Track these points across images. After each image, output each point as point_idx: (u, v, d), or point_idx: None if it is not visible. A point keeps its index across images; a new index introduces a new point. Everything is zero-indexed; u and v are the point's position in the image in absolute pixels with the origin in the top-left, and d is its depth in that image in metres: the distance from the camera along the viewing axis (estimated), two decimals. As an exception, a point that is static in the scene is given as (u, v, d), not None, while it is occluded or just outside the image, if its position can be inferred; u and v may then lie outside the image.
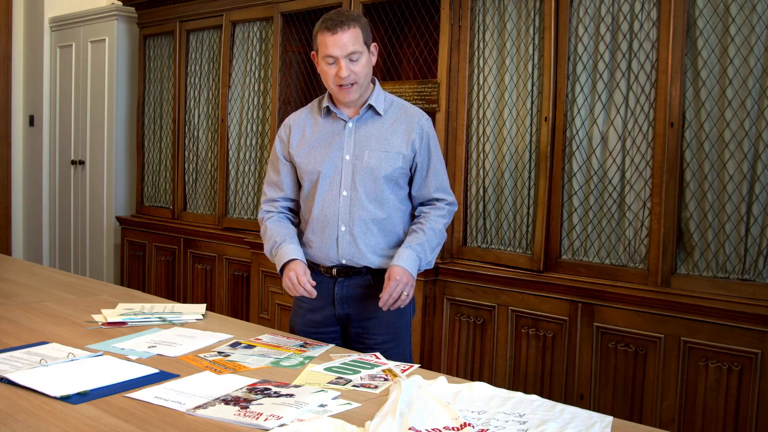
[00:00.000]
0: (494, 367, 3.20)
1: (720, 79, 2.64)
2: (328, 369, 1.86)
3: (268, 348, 2.05)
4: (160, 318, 2.34)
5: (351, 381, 1.77)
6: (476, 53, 3.32)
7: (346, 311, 2.30)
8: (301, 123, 2.35)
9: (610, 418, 1.55)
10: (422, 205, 2.34)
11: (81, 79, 5.59)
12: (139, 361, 1.88)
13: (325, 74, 2.22)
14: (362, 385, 1.74)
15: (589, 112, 2.99)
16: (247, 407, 1.54)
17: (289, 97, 4.16)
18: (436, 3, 3.45)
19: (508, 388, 1.76)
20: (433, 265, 2.34)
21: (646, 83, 2.82)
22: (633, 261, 2.88)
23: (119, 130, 5.36)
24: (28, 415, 1.50)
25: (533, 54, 3.13)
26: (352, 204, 2.24)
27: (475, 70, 3.32)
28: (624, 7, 2.87)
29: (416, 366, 1.92)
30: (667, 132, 2.73)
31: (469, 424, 1.46)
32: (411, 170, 2.31)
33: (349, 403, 1.61)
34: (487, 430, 1.47)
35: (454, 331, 3.33)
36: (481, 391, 1.69)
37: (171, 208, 4.97)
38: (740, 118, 2.59)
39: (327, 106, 2.30)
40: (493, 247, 3.30)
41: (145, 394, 1.63)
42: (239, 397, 1.60)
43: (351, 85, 2.20)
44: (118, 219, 5.29)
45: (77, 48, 5.60)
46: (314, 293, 2.18)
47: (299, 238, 2.33)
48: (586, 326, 2.92)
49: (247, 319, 4.09)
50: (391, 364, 1.92)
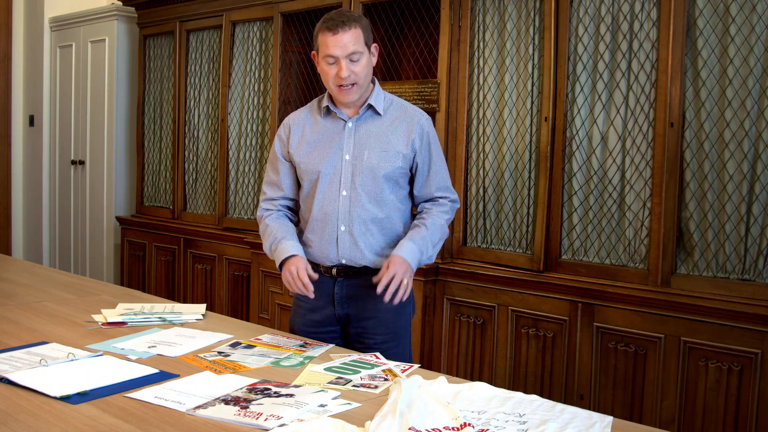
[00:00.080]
0: (494, 367, 3.20)
1: (720, 79, 2.64)
2: (328, 369, 1.86)
3: (268, 348, 2.05)
4: (160, 318, 2.34)
5: (351, 381, 1.77)
6: (476, 53, 3.32)
7: (346, 311, 2.30)
8: (301, 123, 2.35)
9: (610, 418, 1.55)
10: (424, 202, 2.34)
11: (81, 79, 5.59)
12: (139, 361, 1.88)
13: (326, 74, 2.22)
14: (362, 385, 1.74)
15: (589, 112, 2.99)
16: (247, 407, 1.54)
17: (289, 97, 4.16)
18: (436, 3, 3.45)
19: (508, 388, 1.76)
20: (434, 260, 2.34)
21: (646, 83, 2.82)
22: (633, 261, 2.88)
23: (119, 130, 5.36)
24: (28, 415, 1.50)
25: (533, 54, 3.13)
26: (351, 204, 2.24)
27: (475, 70, 3.32)
28: (624, 7, 2.87)
29: (416, 366, 1.92)
30: (667, 132, 2.73)
31: (469, 424, 1.46)
32: (411, 170, 2.31)
33: (349, 403, 1.61)
34: (487, 430, 1.47)
35: (454, 331, 3.33)
36: (481, 391, 1.69)
37: (171, 208, 4.97)
38: (740, 118, 2.59)
39: (327, 106, 2.30)
40: (493, 247, 3.30)
41: (145, 394, 1.63)
42: (239, 397, 1.60)
43: (351, 85, 2.20)
44: (118, 219, 5.29)
45: (77, 48, 5.60)
46: (311, 293, 2.17)
47: (299, 237, 2.33)
48: (586, 326, 2.92)
49: (247, 319, 4.09)
50: (391, 364, 1.92)
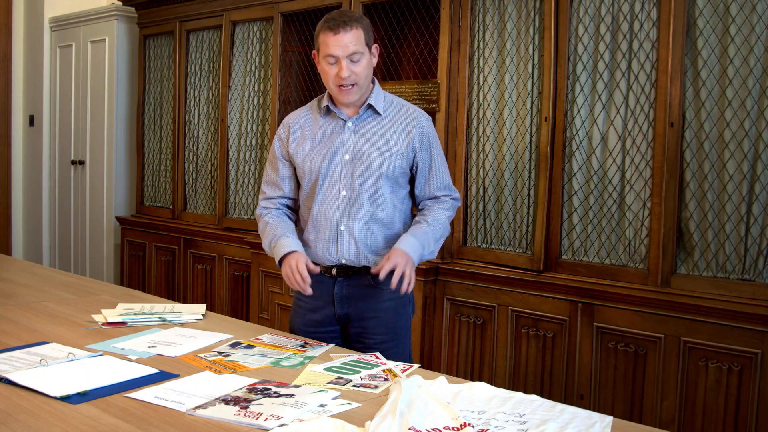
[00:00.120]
0: (494, 367, 3.20)
1: (720, 79, 2.64)
2: (328, 369, 1.86)
3: (268, 348, 2.05)
4: (160, 318, 2.34)
5: (351, 381, 1.77)
6: (476, 53, 3.31)
7: (346, 311, 2.30)
8: (301, 122, 2.35)
9: (610, 418, 1.55)
10: (426, 200, 2.34)
11: (81, 79, 5.59)
12: (139, 361, 1.88)
13: (326, 74, 2.22)
14: (362, 385, 1.74)
15: (589, 112, 2.99)
16: (247, 407, 1.54)
17: (289, 97, 4.16)
18: (436, 3, 3.45)
19: (508, 388, 1.76)
20: (435, 256, 2.34)
21: (646, 83, 2.82)
22: (633, 261, 2.88)
23: (119, 130, 5.36)
24: (28, 415, 1.50)
25: (533, 54, 3.13)
26: (351, 203, 2.24)
27: (475, 70, 3.32)
28: (624, 7, 2.87)
29: (416, 366, 1.92)
30: (667, 132, 2.73)
31: (469, 424, 1.46)
32: (411, 170, 2.31)
33: (349, 403, 1.61)
34: (487, 430, 1.47)
35: (454, 331, 3.33)
36: (481, 391, 1.69)
37: (171, 208, 4.97)
38: (740, 118, 2.59)
39: (327, 106, 2.30)
40: (493, 247, 3.30)
41: (145, 394, 1.63)
42: (239, 397, 1.60)
43: (351, 86, 2.20)
44: (118, 219, 5.29)
45: (77, 48, 5.60)
46: (308, 288, 2.16)
47: (298, 237, 2.33)
48: (586, 326, 2.92)
49: (247, 319, 4.09)
50: (391, 364, 1.92)
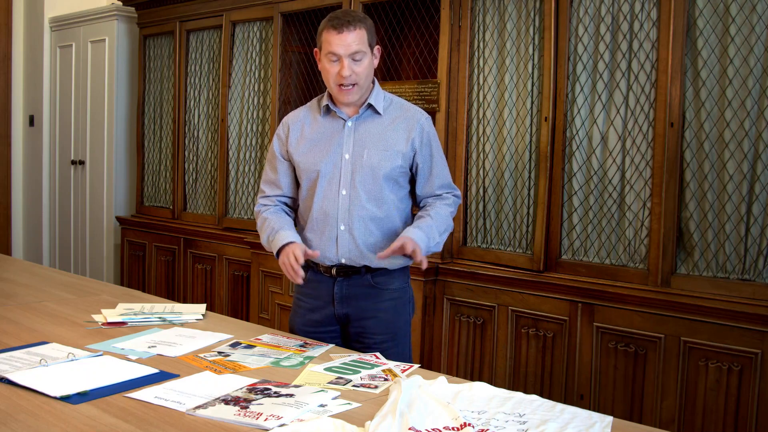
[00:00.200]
0: (494, 367, 3.20)
1: (720, 79, 2.64)
2: (328, 369, 1.86)
3: (268, 348, 2.05)
4: (160, 318, 2.34)
5: (351, 381, 1.77)
6: (476, 53, 3.31)
7: (346, 311, 2.30)
8: (300, 122, 2.35)
9: (610, 418, 1.55)
10: (427, 198, 2.34)
11: (81, 79, 5.59)
12: (139, 361, 1.88)
13: (327, 72, 2.22)
14: (362, 385, 1.74)
15: (589, 112, 2.99)
16: (247, 407, 1.54)
17: (289, 97, 4.16)
18: (436, 3, 3.45)
19: (508, 388, 1.76)
20: (441, 249, 2.34)
21: (646, 83, 2.82)
22: (633, 261, 2.88)
23: (119, 130, 5.36)
24: (28, 415, 1.50)
25: (533, 54, 3.13)
26: (351, 203, 2.24)
27: (475, 70, 3.32)
28: (624, 7, 2.87)
29: (416, 366, 1.92)
30: (667, 132, 2.73)
31: (469, 424, 1.46)
32: (411, 169, 2.31)
33: (349, 403, 1.61)
34: (487, 430, 1.47)
35: (454, 331, 3.33)
36: (481, 391, 1.69)
37: (171, 208, 4.97)
38: (740, 118, 2.59)
39: (326, 105, 2.30)
40: (493, 247, 3.30)
41: (145, 394, 1.63)
42: (239, 397, 1.60)
43: (351, 86, 2.20)
44: (118, 219, 5.29)
45: (77, 48, 5.60)
46: (299, 279, 2.15)
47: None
48: (586, 326, 2.92)
49: (247, 319, 4.09)
50: (391, 364, 1.92)
